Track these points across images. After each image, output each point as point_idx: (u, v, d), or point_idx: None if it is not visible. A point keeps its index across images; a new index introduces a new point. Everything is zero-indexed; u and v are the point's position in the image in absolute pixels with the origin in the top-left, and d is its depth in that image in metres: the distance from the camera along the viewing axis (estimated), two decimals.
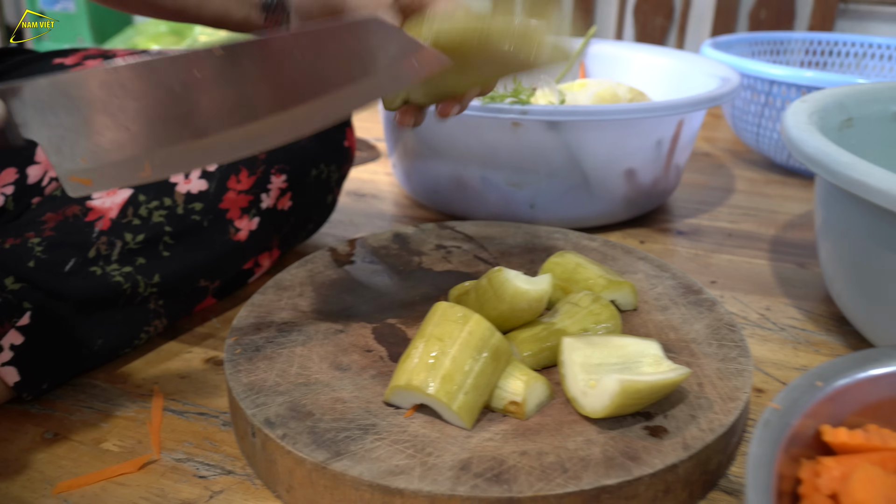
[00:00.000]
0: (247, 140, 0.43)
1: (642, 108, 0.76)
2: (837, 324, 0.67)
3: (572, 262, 0.60)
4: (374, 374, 0.51)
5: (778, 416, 0.37)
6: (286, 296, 0.61)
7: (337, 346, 0.54)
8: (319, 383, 0.50)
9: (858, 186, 0.52)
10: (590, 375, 0.46)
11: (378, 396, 0.48)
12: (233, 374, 0.51)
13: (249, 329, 0.56)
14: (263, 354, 0.53)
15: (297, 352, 0.53)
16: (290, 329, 0.56)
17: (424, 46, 0.46)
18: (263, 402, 0.48)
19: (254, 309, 0.59)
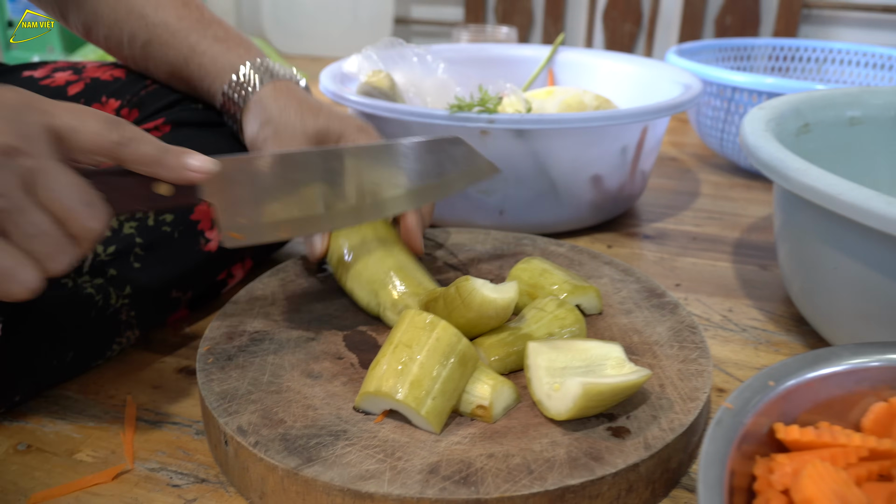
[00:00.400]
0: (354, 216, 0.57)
1: (607, 115, 0.77)
2: (797, 324, 0.69)
3: (538, 267, 0.61)
4: (344, 381, 0.52)
5: (731, 414, 0.39)
6: (258, 305, 0.62)
7: (308, 354, 0.55)
8: (291, 391, 0.51)
9: (810, 191, 0.54)
10: (554, 379, 0.48)
11: (349, 403, 0.49)
12: (205, 383, 0.51)
13: (222, 338, 0.57)
14: (235, 363, 0.54)
15: (269, 360, 0.54)
16: (262, 338, 0.57)
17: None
18: (236, 410, 0.48)
19: (226, 318, 0.60)
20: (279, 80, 0.68)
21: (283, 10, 2.35)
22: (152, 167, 0.46)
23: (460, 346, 0.48)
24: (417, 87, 0.91)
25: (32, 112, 0.42)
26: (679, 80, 0.95)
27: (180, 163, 0.47)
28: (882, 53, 1.26)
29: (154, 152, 0.46)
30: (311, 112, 0.66)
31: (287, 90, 0.68)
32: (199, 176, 0.48)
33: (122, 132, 0.44)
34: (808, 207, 0.59)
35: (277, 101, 0.66)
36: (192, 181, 0.48)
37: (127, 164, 0.46)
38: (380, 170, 0.58)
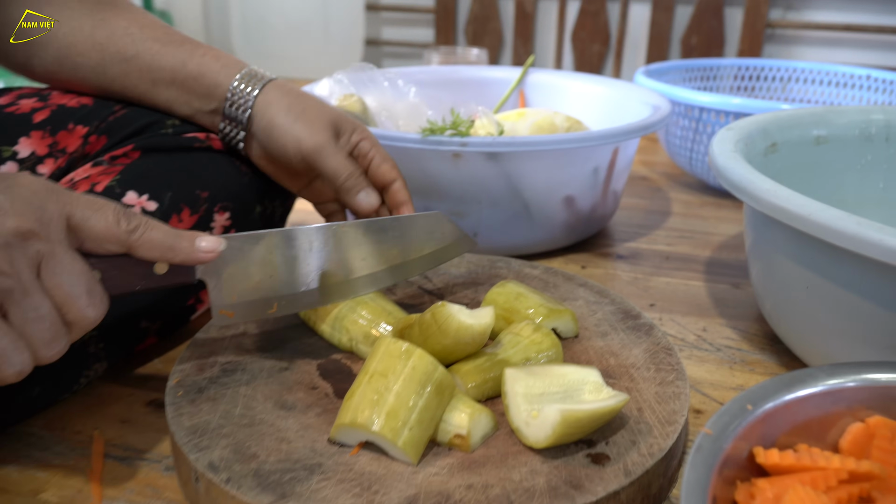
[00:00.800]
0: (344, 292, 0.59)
1: (578, 137, 0.78)
2: (770, 342, 0.70)
3: (514, 291, 0.61)
4: (319, 412, 0.51)
5: (710, 440, 0.38)
6: (229, 335, 0.61)
7: (282, 385, 0.54)
8: (264, 423, 0.49)
9: (780, 212, 0.55)
10: (532, 406, 0.47)
11: (324, 435, 0.48)
12: (174, 417, 0.50)
13: (192, 370, 0.56)
14: (206, 396, 0.52)
15: (241, 392, 0.53)
16: (234, 368, 0.56)
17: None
18: (206, 445, 0.47)
19: (196, 349, 0.58)
20: (278, 81, 0.70)
21: (253, 31, 2.34)
22: (164, 253, 0.48)
23: (437, 374, 0.47)
24: (389, 110, 0.90)
25: (53, 200, 0.44)
26: (648, 101, 0.96)
27: (192, 246, 0.49)
28: (844, 72, 1.28)
29: (163, 238, 0.48)
30: (323, 105, 0.68)
31: (291, 87, 0.69)
32: (209, 256, 0.50)
33: (132, 221, 0.47)
34: (779, 227, 0.59)
35: (289, 96, 0.68)
36: (203, 262, 0.50)
37: (137, 252, 0.47)
38: (371, 245, 0.59)
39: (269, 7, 2.32)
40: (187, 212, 0.66)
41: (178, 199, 0.65)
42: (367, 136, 0.68)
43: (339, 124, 0.67)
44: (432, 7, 2.28)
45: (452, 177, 0.80)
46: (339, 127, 0.67)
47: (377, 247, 0.60)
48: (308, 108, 0.66)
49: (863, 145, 0.83)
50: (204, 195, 0.67)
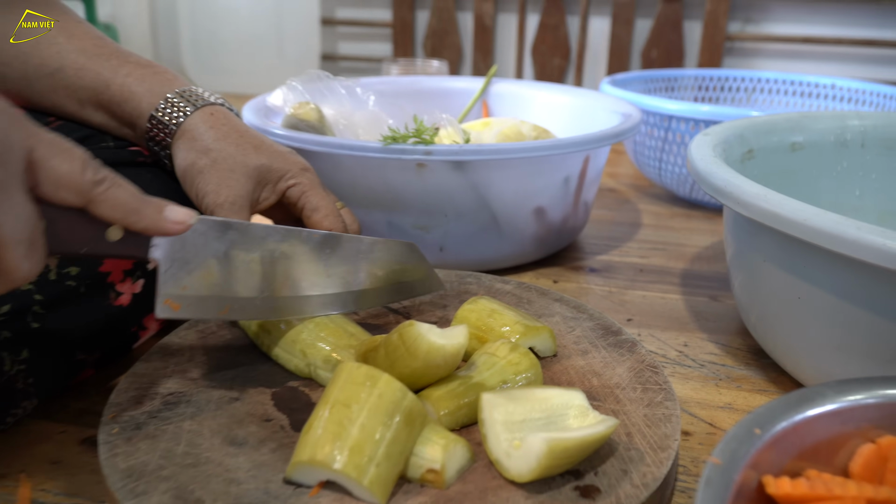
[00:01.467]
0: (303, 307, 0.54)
1: (549, 145, 0.74)
2: (756, 356, 0.66)
3: (487, 308, 0.56)
4: (274, 448, 0.45)
5: (719, 471, 0.34)
6: (173, 362, 0.55)
7: (231, 417, 0.48)
8: (211, 463, 0.44)
9: (772, 218, 0.51)
10: (513, 434, 0.42)
11: (279, 474, 0.43)
12: (108, 458, 0.44)
13: (129, 403, 0.50)
14: (145, 432, 0.46)
15: (186, 427, 0.47)
16: (178, 400, 0.50)
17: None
18: (144, 490, 0.41)
19: (135, 380, 0.52)
20: (214, 106, 0.63)
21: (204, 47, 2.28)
22: (127, 216, 0.43)
23: (406, 402, 0.42)
24: (348, 119, 0.85)
25: (17, 128, 0.38)
26: (616, 110, 0.92)
27: (159, 213, 0.44)
28: (809, 81, 1.27)
29: (130, 200, 0.43)
30: (252, 146, 0.61)
31: (224, 118, 0.62)
32: (176, 228, 0.45)
33: (99, 172, 0.41)
34: (768, 235, 0.56)
35: (215, 130, 0.61)
36: (168, 233, 0.45)
37: (97, 208, 0.41)
38: (343, 262, 0.56)
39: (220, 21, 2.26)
40: None
41: None
42: (298, 182, 0.62)
43: (263, 173, 0.61)
44: (389, 21, 2.24)
45: (416, 188, 0.75)
46: (262, 176, 0.61)
47: (345, 265, 0.56)
48: (226, 155, 0.59)
49: (839, 152, 0.81)
50: None
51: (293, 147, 0.76)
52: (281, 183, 0.61)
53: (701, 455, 0.53)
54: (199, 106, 0.61)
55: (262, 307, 0.52)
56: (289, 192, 0.62)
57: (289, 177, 0.62)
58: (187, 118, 0.61)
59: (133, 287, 0.60)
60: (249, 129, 0.63)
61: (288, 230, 0.53)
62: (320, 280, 0.55)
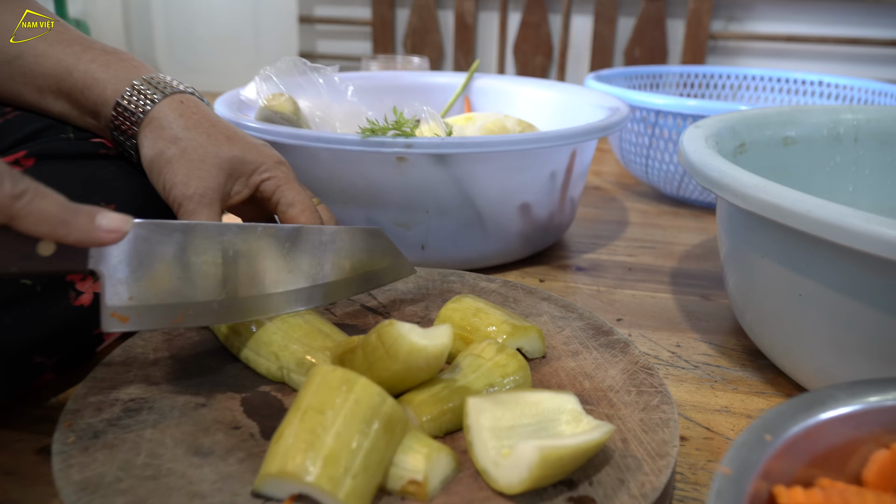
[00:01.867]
0: (263, 307, 0.50)
1: (534, 138, 0.71)
2: (751, 357, 0.64)
3: (471, 307, 0.53)
4: (242, 458, 0.42)
5: (731, 482, 0.31)
6: (136, 366, 0.51)
7: (197, 425, 0.45)
8: (173, 475, 0.40)
9: (771, 209, 0.49)
10: (502, 442, 0.39)
11: (247, 486, 0.39)
12: (62, 469, 0.40)
13: (88, 410, 0.46)
14: (103, 442, 0.43)
15: (147, 435, 0.44)
16: (140, 407, 0.46)
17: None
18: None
19: (95, 384, 0.49)
20: (183, 95, 0.59)
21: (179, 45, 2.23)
22: (55, 229, 0.39)
23: (385, 407, 0.39)
24: (324, 112, 0.82)
25: None
26: (602, 105, 0.90)
27: (90, 223, 0.40)
28: (796, 78, 1.26)
29: (57, 211, 0.39)
30: (224, 136, 0.57)
31: (195, 107, 0.59)
32: (110, 237, 0.41)
33: (18, 184, 0.37)
34: (767, 228, 0.53)
35: (185, 118, 0.57)
36: (102, 244, 0.41)
37: (20, 223, 0.37)
38: (302, 255, 0.52)
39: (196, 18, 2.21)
40: None
41: None
42: (273, 176, 0.58)
43: (235, 165, 0.57)
44: (369, 19, 2.20)
45: (397, 183, 0.72)
46: (234, 168, 0.57)
47: (308, 258, 0.52)
48: (196, 145, 0.56)
49: (831, 146, 0.79)
50: (110, 207, 0.58)
51: (267, 140, 0.72)
52: (254, 176, 0.58)
53: (699, 461, 0.50)
54: (167, 93, 0.58)
55: (220, 310, 0.48)
56: (263, 187, 0.58)
57: (263, 170, 0.58)
58: (155, 106, 0.57)
59: (94, 286, 0.56)
60: (221, 119, 0.59)
61: (241, 226, 0.49)
62: (282, 276, 0.51)
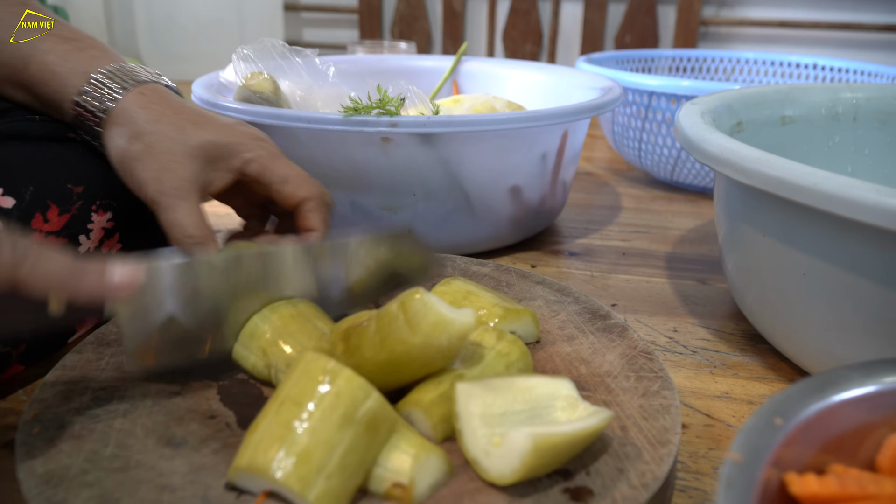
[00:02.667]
0: None
1: (525, 116, 0.68)
2: (751, 342, 0.61)
3: (462, 289, 0.51)
4: (216, 449, 0.39)
5: (741, 469, 0.29)
6: (108, 353, 0.48)
7: (169, 415, 0.42)
8: (142, 466, 0.38)
9: (775, 184, 0.46)
10: (493, 430, 0.37)
11: (221, 478, 0.37)
12: (25, 461, 0.38)
13: (56, 399, 0.43)
14: (70, 432, 0.40)
15: (116, 425, 0.41)
16: (110, 396, 0.44)
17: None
18: (62, 498, 0.35)
19: (64, 373, 0.46)
20: (145, 85, 0.55)
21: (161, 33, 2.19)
22: (63, 290, 0.37)
23: (369, 403, 0.36)
24: (306, 92, 0.79)
25: None
26: (594, 86, 0.87)
27: (100, 280, 0.39)
28: (790, 62, 1.23)
29: (62, 271, 0.37)
30: (191, 122, 0.54)
31: (158, 96, 0.55)
32: (125, 292, 0.40)
33: (18, 249, 0.36)
34: (770, 205, 0.51)
35: (147, 110, 0.53)
36: (118, 299, 0.40)
37: (27, 289, 0.36)
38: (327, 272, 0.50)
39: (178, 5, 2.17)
40: (55, 210, 0.53)
41: (42, 195, 0.53)
42: (256, 156, 0.55)
43: (209, 151, 0.53)
44: (356, 6, 2.17)
45: (382, 165, 0.69)
46: (209, 154, 0.54)
47: (334, 273, 0.51)
48: (162, 137, 0.53)
49: (830, 126, 0.77)
50: (78, 190, 0.55)
51: (245, 121, 0.69)
52: (235, 160, 0.54)
53: (699, 450, 0.47)
54: (128, 87, 0.54)
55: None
56: (247, 170, 0.55)
57: (242, 151, 0.54)
58: (117, 102, 0.54)
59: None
60: (187, 104, 0.56)
61: (259, 253, 0.47)
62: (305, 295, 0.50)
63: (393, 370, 0.40)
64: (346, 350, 0.41)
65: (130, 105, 0.54)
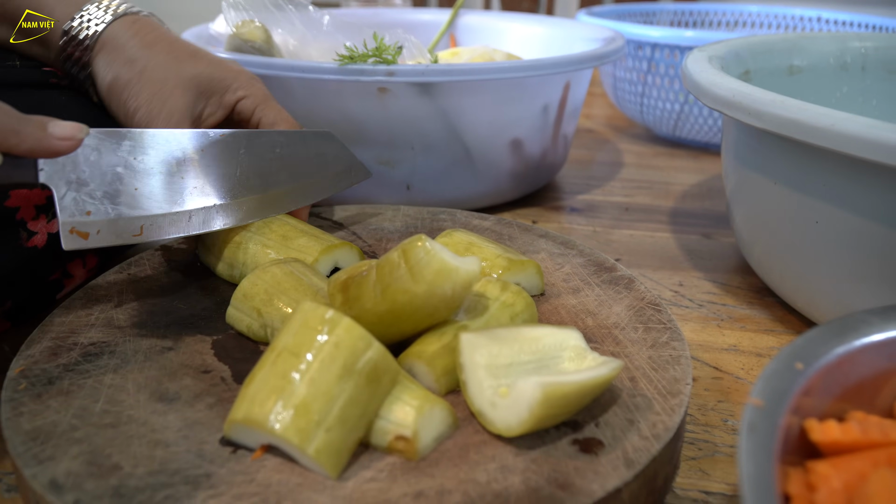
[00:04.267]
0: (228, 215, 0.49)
1: (527, 65, 0.66)
2: (759, 295, 0.60)
3: (463, 241, 0.49)
4: (211, 403, 0.38)
5: (762, 415, 0.27)
6: (98, 309, 0.47)
7: (162, 370, 0.41)
8: (134, 422, 0.36)
9: (790, 126, 0.44)
10: (499, 380, 0.35)
11: (216, 434, 0.35)
12: (11, 418, 0.36)
13: (43, 355, 0.42)
14: (58, 388, 0.39)
15: (107, 381, 0.39)
16: (101, 351, 0.42)
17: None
18: (51, 455, 0.34)
19: (52, 328, 0.44)
20: (138, 15, 0.54)
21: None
22: (5, 139, 0.37)
23: (370, 353, 0.34)
24: (299, 41, 0.76)
25: None
26: (596, 37, 0.84)
27: (42, 131, 0.38)
28: (794, 14, 1.20)
29: (5, 121, 0.37)
30: (186, 53, 0.53)
31: (150, 26, 0.54)
32: (65, 145, 0.39)
33: None
34: (782, 151, 0.49)
35: (139, 37, 0.52)
36: (57, 153, 0.39)
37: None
38: (256, 161, 0.51)
39: None
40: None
41: None
42: (250, 94, 0.54)
43: (203, 83, 0.53)
44: None
45: (379, 117, 0.67)
46: (203, 87, 0.53)
47: (262, 164, 0.51)
48: (156, 64, 0.51)
49: (838, 76, 0.74)
50: None
51: None
52: (228, 95, 0.54)
53: (708, 402, 0.46)
54: (118, 15, 0.53)
55: (178, 221, 0.47)
56: (239, 106, 0.54)
57: (236, 87, 0.54)
58: (106, 28, 0.52)
59: (49, 226, 0.51)
60: (181, 38, 0.55)
61: (192, 132, 0.48)
62: (236, 185, 0.50)
63: (395, 321, 0.38)
64: (346, 301, 0.39)
65: (122, 32, 0.52)
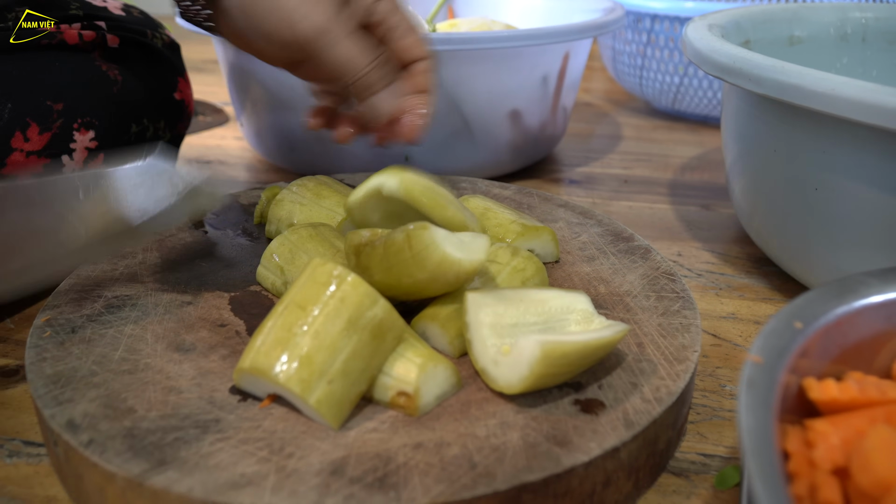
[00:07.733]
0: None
1: (526, 34, 0.66)
2: (757, 265, 0.60)
3: (479, 206, 0.49)
4: (225, 355, 0.39)
5: (762, 371, 0.28)
6: (123, 264, 0.48)
7: (180, 322, 0.42)
8: (150, 370, 0.37)
9: (791, 91, 0.45)
10: (502, 339, 0.36)
11: (227, 382, 0.36)
12: (34, 363, 0.38)
13: (69, 305, 0.43)
14: (81, 336, 0.40)
15: (127, 331, 0.40)
16: (123, 303, 0.43)
17: None
18: (70, 398, 0.35)
19: (78, 281, 0.46)
20: None
21: None
22: None
23: (376, 310, 0.35)
24: None
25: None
26: (596, 8, 0.84)
27: None
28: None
29: None
30: None
31: None
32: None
33: None
34: (782, 117, 0.49)
35: None
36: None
37: None
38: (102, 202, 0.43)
39: None
40: (35, 129, 0.52)
41: (21, 113, 0.51)
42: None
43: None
44: None
45: None
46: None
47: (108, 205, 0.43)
48: None
49: (838, 46, 0.74)
50: (57, 107, 0.53)
51: None
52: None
53: (707, 368, 0.47)
54: None
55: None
56: (377, 8, 0.47)
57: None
58: None
59: None
60: None
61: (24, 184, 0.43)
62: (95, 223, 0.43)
63: (400, 294, 0.39)
64: (357, 265, 0.40)
65: None
